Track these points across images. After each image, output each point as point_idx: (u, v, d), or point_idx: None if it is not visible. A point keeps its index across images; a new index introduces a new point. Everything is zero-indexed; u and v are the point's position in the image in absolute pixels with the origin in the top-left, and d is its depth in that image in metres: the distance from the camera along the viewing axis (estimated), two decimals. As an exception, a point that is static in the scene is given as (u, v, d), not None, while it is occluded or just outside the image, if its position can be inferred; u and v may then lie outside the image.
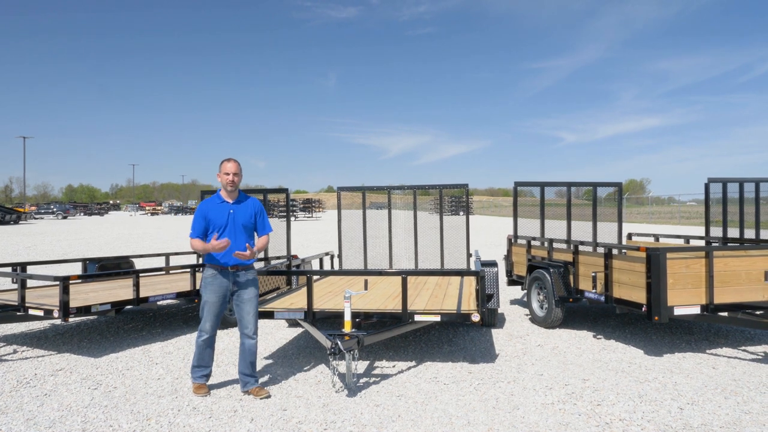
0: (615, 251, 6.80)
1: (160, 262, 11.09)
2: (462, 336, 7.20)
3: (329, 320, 6.85)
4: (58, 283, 5.93)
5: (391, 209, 10.48)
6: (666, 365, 5.88)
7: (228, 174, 5.01)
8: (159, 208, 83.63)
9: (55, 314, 5.93)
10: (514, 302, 9.85)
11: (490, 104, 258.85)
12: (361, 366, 5.94)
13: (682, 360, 6.07)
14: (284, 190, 9.60)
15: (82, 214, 73.02)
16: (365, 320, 6.10)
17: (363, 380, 5.45)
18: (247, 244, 5.01)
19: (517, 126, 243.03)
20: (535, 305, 8.10)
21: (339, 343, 5.01)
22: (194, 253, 10.45)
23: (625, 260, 6.49)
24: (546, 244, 8.38)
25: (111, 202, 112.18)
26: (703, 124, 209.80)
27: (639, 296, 6.18)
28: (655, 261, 5.92)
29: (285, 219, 8.95)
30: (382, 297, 6.98)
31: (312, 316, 6.05)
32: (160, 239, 26.14)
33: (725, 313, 6.17)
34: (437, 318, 5.91)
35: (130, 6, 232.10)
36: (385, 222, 10.44)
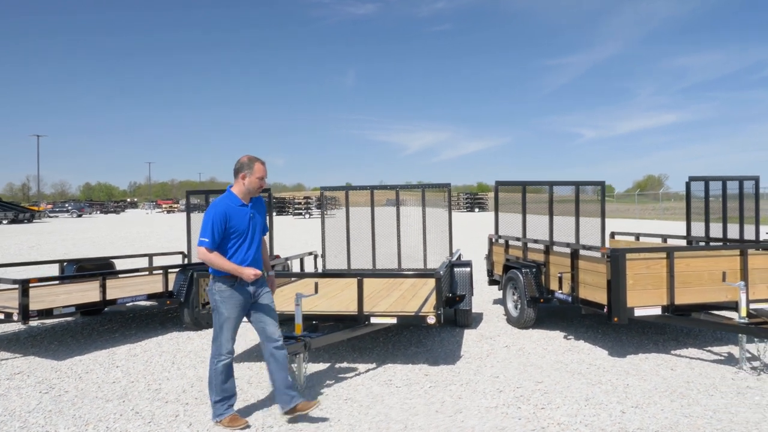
0: (581, 252, 6.73)
1: (144, 262, 11.16)
2: (432, 337, 7.17)
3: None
4: (17, 286, 6.00)
5: (374, 208, 10.49)
6: (625, 367, 5.80)
7: (262, 178, 4.44)
8: (176, 205, 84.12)
9: (15, 317, 6.00)
10: (497, 302, 9.79)
11: (508, 101, 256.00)
12: (319, 368, 5.93)
13: (644, 361, 5.99)
14: (266, 190, 9.62)
15: (98, 212, 74.01)
16: (322, 323, 6.10)
17: (318, 383, 5.44)
18: (269, 275, 4.75)
19: (536, 122, 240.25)
20: (509, 305, 8.05)
21: (282, 346, 4.99)
22: (179, 253, 10.50)
23: (589, 261, 6.42)
24: (521, 244, 8.32)
25: (128, 200, 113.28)
26: (718, 120, 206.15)
27: (601, 297, 6.10)
28: (614, 262, 5.84)
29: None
30: (348, 299, 6.97)
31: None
32: (165, 238, 26.34)
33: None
34: (393, 320, 5.89)
35: (147, 4, 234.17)
36: (379, 221, 10.44)
